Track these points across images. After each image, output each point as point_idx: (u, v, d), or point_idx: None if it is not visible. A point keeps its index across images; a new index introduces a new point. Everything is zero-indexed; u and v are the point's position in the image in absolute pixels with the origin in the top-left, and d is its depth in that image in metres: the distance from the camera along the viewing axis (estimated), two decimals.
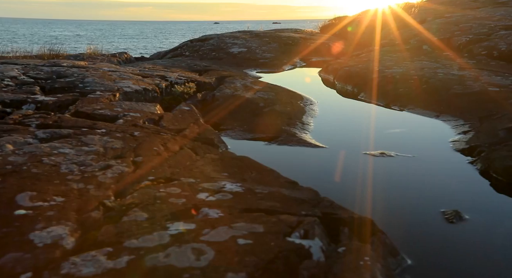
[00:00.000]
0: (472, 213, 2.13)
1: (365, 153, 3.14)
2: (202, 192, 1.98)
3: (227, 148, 3.31)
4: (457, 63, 6.02)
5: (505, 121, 3.24)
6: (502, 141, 2.89)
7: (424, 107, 4.33)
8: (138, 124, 2.94)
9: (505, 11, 9.78)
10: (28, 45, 17.48)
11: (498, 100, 3.88)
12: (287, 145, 3.43)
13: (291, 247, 1.48)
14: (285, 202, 1.98)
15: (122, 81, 4.18)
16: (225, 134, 3.73)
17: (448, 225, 2.04)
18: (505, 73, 5.04)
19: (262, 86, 5.44)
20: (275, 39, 11.52)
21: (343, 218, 1.83)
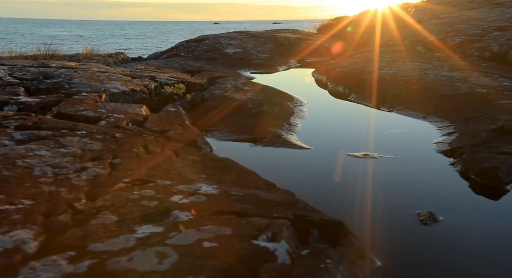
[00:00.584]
0: (446, 214, 2.14)
1: (349, 154, 3.14)
2: (176, 194, 1.98)
3: (212, 149, 3.32)
4: (448, 64, 6.03)
5: (488, 123, 3.24)
6: (483, 143, 2.89)
7: (412, 109, 4.33)
8: (120, 125, 2.95)
9: (500, 12, 9.79)
10: (27, 45, 17.51)
11: (484, 101, 3.88)
12: (272, 146, 3.44)
13: (255, 250, 1.48)
14: (258, 204, 1.99)
15: (110, 82, 4.19)
16: (211, 135, 3.74)
17: (422, 227, 2.05)
18: (494, 74, 5.05)
19: (253, 87, 5.44)
20: (271, 40, 11.52)
21: (314, 221, 1.84)
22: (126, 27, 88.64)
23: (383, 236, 2.01)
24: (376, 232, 2.03)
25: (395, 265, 1.78)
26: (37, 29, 65.62)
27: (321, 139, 3.73)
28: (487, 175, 2.43)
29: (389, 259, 1.80)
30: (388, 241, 1.97)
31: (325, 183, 2.68)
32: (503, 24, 8.14)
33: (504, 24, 8.13)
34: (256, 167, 2.92)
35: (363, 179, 2.72)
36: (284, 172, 2.91)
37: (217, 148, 3.38)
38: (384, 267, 1.74)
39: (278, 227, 1.68)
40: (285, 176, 2.80)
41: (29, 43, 23.01)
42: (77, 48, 20.63)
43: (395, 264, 1.79)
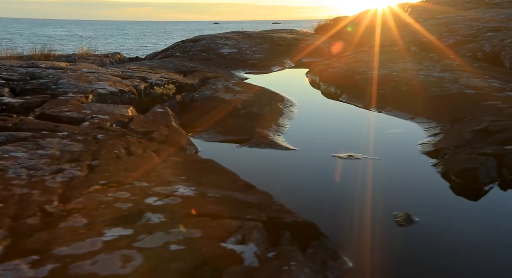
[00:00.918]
0: (423, 215, 2.14)
1: (333, 156, 3.14)
2: (151, 196, 1.98)
3: (197, 150, 3.32)
4: (440, 65, 6.03)
5: (473, 124, 3.24)
6: (466, 144, 2.89)
7: (400, 109, 4.33)
8: (104, 127, 2.94)
9: (495, 12, 9.78)
10: (26, 45, 17.48)
11: (472, 102, 3.88)
12: (257, 147, 3.44)
13: (222, 252, 1.48)
14: (234, 206, 1.99)
15: (98, 83, 4.18)
16: (198, 136, 3.74)
17: (397, 228, 2.05)
18: (485, 75, 5.04)
19: (244, 88, 5.44)
20: (267, 40, 11.51)
21: (286, 222, 1.84)
22: (126, 27, 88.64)
23: (358, 237, 2.01)
24: (351, 233, 2.04)
25: (367, 266, 1.78)
26: (37, 29, 65.62)
27: (307, 139, 3.73)
28: (466, 176, 2.43)
29: (361, 260, 1.81)
30: (362, 242, 1.97)
31: (306, 184, 2.68)
32: (497, 24, 8.14)
33: (498, 24, 8.13)
34: (239, 168, 2.92)
35: (344, 180, 2.73)
36: (267, 173, 2.91)
37: (202, 149, 3.37)
38: (355, 268, 1.74)
39: (249, 229, 1.69)
40: (267, 177, 2.81)
41: (28, 43, 23.00)
42: (76, 48, 20.66)
43: (367, 265, 1.79)
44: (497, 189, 2.40)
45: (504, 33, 7.18)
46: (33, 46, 11.41)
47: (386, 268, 1.78)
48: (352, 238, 2.00)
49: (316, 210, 2.29)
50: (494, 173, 2.46)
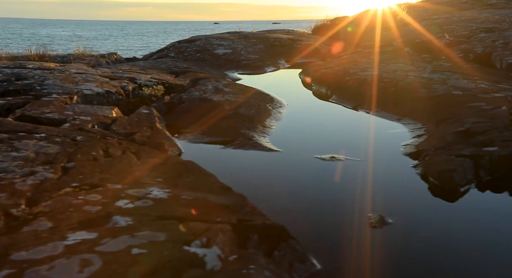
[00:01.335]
0: (398, 217, 2.14)
1: (316, 157, 3.14)
2: (123, 199, 1.98)
3: (180, 151, 3.31)
4: (431, 66, 6.02)
5: (456, 125, 3.24)
6: (448, 145, 2.89)
7: (388, 111, 4.33)
8: (84, 128, 2.94)
9: (490, 13, 9.78)
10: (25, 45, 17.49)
11: (457, 104, 3.87)
12: (241, 148, 3.43)
13: (184, 256, 1.48)
14: (205, 208, 1.99)
15: (85, 83, 4.18)
16: (183, 137, 3.73)
17: (370, 230, 2.05)
18: (474, 76, 5.04)
19: (234, 89, 5.43)
20: (262, 41, 11.50)
21: (256, 225, 1.84)
22: (126, 27, 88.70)
23: (329, 239, 2.01)
24: (323, 235, 2.04)
25: (336, 268, 1.78)
26: (37, 30, 65.65)
27: (292, 141, 3.72)
28: (443, 178, 2.43)
29: (330, 262, 1.80)
30: (333, 244, 1.97)
31: (284, 186, 2.67)
32: (491, 25, 8.13)
33: (492, 25, 8.12)
34: (221, 170, 2.93)
35: (323, 181, 2.72)
36: (247, 174, 2.91)
37: (186, 150, 3.37)
38: (323, 270, 1.74)
39: (215, 232, 1.68)
40: (247, 179, 2.81)
41: (28, 44, 22.99)
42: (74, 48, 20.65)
43: (336, 267, 1.79)
44: (473, 190, 2.40)
45: (497, 34, 7.17)
46: (29, 47, 11.41)
47: (355, 270, 1.78)
48: (323, 240, 2.00)
49: (290, 211, 2.28)
50: (471, 175, 2.46)
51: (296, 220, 2.20)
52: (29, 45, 15.02)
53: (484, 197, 2.37)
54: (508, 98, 3.83)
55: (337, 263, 1.82)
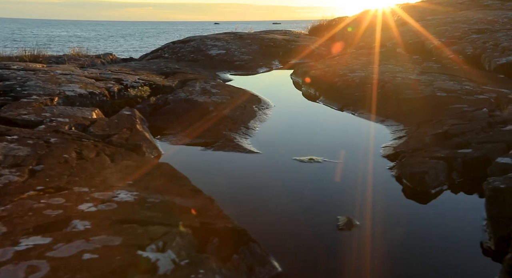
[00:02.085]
0: (367, 219, 2.14)
1: (295, 159, 3.13)
2: (87, 202, 1.96)
3: (160, 153, 3.30)
4: (421, 67, 6.01)
5: (436, 127, 3.22)
6: (424, 147, 2.88)
7: (372, 112, 4.32)
8: (60, 130, 2.93)
9: (484, 14, 9.76)
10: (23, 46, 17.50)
11: (441, 105, 3.86)
12: (222, 150, 3.42)
13: (136, 260, 1.47)
14: (169, 211, 1.97)
15: (68, 84, 4.17)
16: (165, 139, 3.72)
17: (337, 232, 2.04)
18: (461, 78, 5.03)
19: (222, 90, 5.42)
20: (257, 41, 11.49)
21: (217, 228, 1.83)
22: (126, 28, 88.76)
23: (294, 242, 2.00)
24: (288, 238, 2.03)
25: (297, 271, 1.77)
26: (37, 30, 65.69)
27: (274, 142, 3.71)
28: (415, 179, 2.43)
29: (292, 265, 1.80)
30: (298, 247, 1.96)
31: (258, 188, 2.66)
32: (484, 26, 8.12)
33: (484, 26, 8.11)
34: (196, 172, 2.92)
35: (297, 184, 2.71)
36: (222, 177, 2.89)
37: (166, 152, 3.36)
38: (284, 273, 1.73)
39: (172, 236, 1.67)
40: (222, 181, 2.80)
41: (26, 44, 23.00)
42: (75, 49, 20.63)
43: (297, 270, 1.78)
44: (444, 192, 2.40)
45: (488, 35, 7.16)
46: (22, 47, 11.38)
47: (316, 273, 1.77)
48: (288, 243, 1.99)
49: (258, 214, 2.28)
50: (444, 176, 2.45)
51: (263, 222, 2.19)
52: (28, 45, 15.02)
53: (454, 199, 2.36)
54: (491, 100, 3.82)
55: (298, 266, 1.81)
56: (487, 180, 1.99)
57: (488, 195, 1.90)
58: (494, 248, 1.77)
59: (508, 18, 8.59)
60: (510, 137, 2.65)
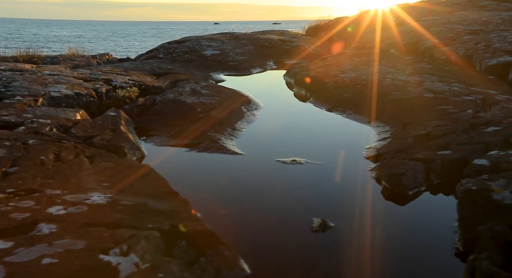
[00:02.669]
0: (342, 221, 2.14)
1: (277, 160, 3.11)
2: (57, 205, 1.95)
3: (143, 154, 3.29)
4: (412, 68, 5.99)
5: (419, 128, 3.21)
6: (406, 148, 2.87)
7: (360, 113, 4.30)
8: (40, 131, 2.92)
9: (479, 15, 9.75)
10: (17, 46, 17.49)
11: (427, 106, 3.85)
12: (206, 152, 3.41)
13: (96, 264, 1.45)
14: (141, 214, 1.96)
15: (55, 85, 4.16)
16: (150, 140, 3.71)
17: (310, 234, 2.04)
18: (451, 79, 5.01)
19: (211, 91, 5.40)
20: (253, 42, 11.47)
21: (186, 231, 1.81)
22: (126, 28, 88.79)
23: (267, 244, 1.99)
24: (261, 240, 2.02)
25: (265, 273, 1.76)
26: (36, 30, 65.71)
27: (259, 144, 3.70)
28: (393, 181, 2.42)
29: (261, 268, 1.79)
30: (270, 249, 1.95)
31: (237, 190, 2.65)
32: (477, 27, 8.11)
33: (478, 27, 8.10)
34: (176, 174, 2.91)
35: (277, 185, 2.70)
36: (203, 178, 2.88)
37: (149, 153, 3.35)
38: (252, 275, 1.72)
39: (138, 239, 1.66)
40: (201, 183, 2.79)
41: (25, 44, 22.97)
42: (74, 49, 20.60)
43: (266, 272, 1.77)
44: (421, 193, 2.40)
45: (481, 36, 7.15)
46: (17, 48, 11.35)
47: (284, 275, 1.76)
48: (261, 245, 1.98)
49: (234, 216, 2.27)
50: (422, 178, 2.44)
51: (238, 224, 2.18)
52: (26, 45, 14.98)
53: (431, 200, 2.36)
54: (477, 101, 3.80)
55: (267, 268, 1.80)
56: (460, 181, 1.98)
57: (460, 196, 1.89)
58: (462, 250, 1.76)
59: (502, 19, 8.58)
60: (490, 139, 2.63)
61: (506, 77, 4.91)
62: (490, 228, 1.57)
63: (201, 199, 2.51)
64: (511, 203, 1.70)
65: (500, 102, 3.65)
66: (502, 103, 3.61)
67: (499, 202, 1.74)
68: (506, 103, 3.61)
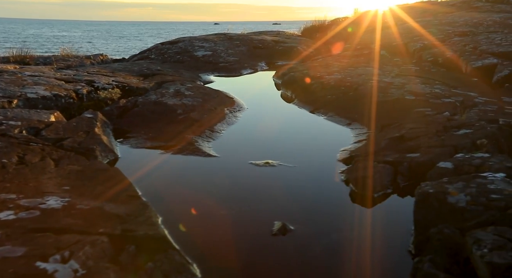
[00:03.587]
0: (303, 224, 2.11)
1: (251, 163, 3.09)
2: (8, 210, 1.92)
3: (117, 157, 3.26)
4: (399, 70, 5.97)
5: (395, 131, 3.18)
6: (378, 151, 2.84)
7: (341, 115, 4.27)
8: (8, 133, 2.89)
9: (470, 17, 9.73)
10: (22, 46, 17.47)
11: (406, 109, 3.82)
12: (180, 154, 3.38)
13: (30, 272, 1.42)
14: (94, 219, 1.93)
15: (33, 86, 4.13)
16: (126, 142, 3.68)
17: (268, 237, 2.01)
18: (435, 81, 4.98)
19: (195, 92, 5.37)
20: (246, 43, 11.46)
21: (136, 236, 1.79)
22: (125, 28, 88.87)
23: (225, 248, 1.97)
24: (219, 244, 1.99)
25: None
26: (36, 30, 65.74)
27: (236, 146, 3.67)
28: (359, 184, 2.40)
29: (214, 272, 1.76)
30: (226, 253, 1.92)
31: (203, 192, 2.62)
32: (467, 29, 8.08)
33: (468, 29, 8.07)
34: (146, 176, 2.89)
35: (246, 188, 2.68)
36: (171, 181, 2.86)
37: (123, 156, 3.32)
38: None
39: (82, 245, 1.63)
40: (169, 186, 2.76)
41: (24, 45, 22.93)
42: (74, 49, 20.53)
43: (217, 276, 1.74)
44: (386, 196, 2.37)
45: (470, 38, 7.12)
46: (10, 48, 11.32)
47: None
48: (218, 249, 1.96)
49: (196, 219, 2.25)
50: (388, 181, 2.41)
51: (198, 227, 2.16)
52: (26, 46, 14.94)
53: (395, 203, 2.33)
54: (456, 103, 3.77)
55: (219, 273, 1.77)
56: (420, 184, 1.95)
57: (416, 199, 1.86)
58: (414, 252, 1.74)
59: (493, 21, 8.55)
60: (459, 141, 2.60)
61: (491, 80, 4.88)
62: (439, 230, 1.54)
63: (166, 202, 2.49)
64: (465, 206, 1.67)
65: (478, 105, 3.62)
66: (480, 106, 3.58)
67: (454, 204, 1.71)
68: (484, 105, 3.58)
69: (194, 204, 2.47)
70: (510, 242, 1.33)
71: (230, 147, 3.63)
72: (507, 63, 5.02)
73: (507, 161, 2.08)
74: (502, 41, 6.29)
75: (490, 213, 1.57)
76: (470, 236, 1.42)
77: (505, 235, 1.37)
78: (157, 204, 2.38)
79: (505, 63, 5.02)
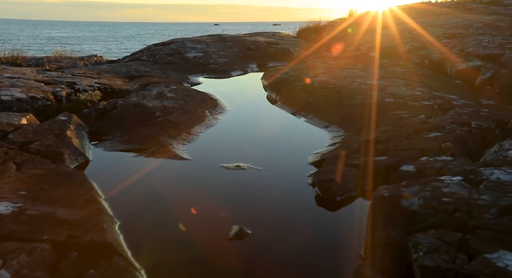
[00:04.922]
0: (260, 229, 2.09)
1: (222, 166, 3.05)
2: None
3: (87, 160, 3.22)
4: (383, 72, 5.92)
5: (369, 133, 3.14)
6: (349, 154, 2.81)
7: (320, 117, 4.24)
8: None
9: (462, 18, 9.69)
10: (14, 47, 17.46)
11: (384, 111, 3.78)
12: (152, 157, 3.34)
13: None
14: (42, 225, 1.89)
15: (9, 89, 4.09)
16: (100, 144, 3.64)
17: (225, 242, 1.98)
18: (419, 83, 4.94)
19: (178, 94, 5.33)
20: (239, 44, 11.43)
21: (81, 242, 1.75)
22: (125, 28, 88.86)
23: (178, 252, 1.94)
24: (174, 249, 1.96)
25: None
26: (35, 30, 65.73)
27: (210, 149, 3.63)
28: (323, 187, 2.37)
29: None
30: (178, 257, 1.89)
31: (167, 196, 2.58)
32: (457, 31, 8.04)
33: (458, 31, 8.03)
34: (113, 180, 2.85)
35: (212, 192, 2.64)
36: (138, 184, 2.81)
37: (95, 159, 3.28)
38: None
39: (18, 253, 1.59)
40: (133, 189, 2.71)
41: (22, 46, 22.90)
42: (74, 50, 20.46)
43: None
44: (350, 199, 2.34)
45: (458, 40, 7.08)
46: (1, 49, 11.28)
47: None
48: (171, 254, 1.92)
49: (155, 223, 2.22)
50: (353, 184, 2.37)
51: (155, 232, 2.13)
52: (25, 46, 14.88)
53: (357, 206, 2.31)
54: (434, 106, 3.73)
55: None
56: (378, 188, 1.91)
57: (372, 203, 1.83)
58: (363, 256, 1.70)
59: (483, 23, 8.51)
60: (427, 144, 2.56)
61: (474, 82, 4.84)
62: (387, 234, 1.51)
63: (127, 206, 2.45)
64: (417, 209, 1.63)
65: (455, 107, 3.58)
66: (456, 108, 3.53)
67: (406, 208, 1.67)
68: (460, 108, 3.54)
69: (155, 208, 2.44)
70: (447, 245, 1.29)
71: (204, 149, 3.59)
72: (491, 65, 4.98)
73: (467, 164, 2.04)
74: (489, 43, 6.25)
75: (438, 216, 1.54)
76: (411, 240, 1.38)
77: (444, 238, 1.34)
78: (118, 208, 2.35)
79: (489, 65, 4.98)
